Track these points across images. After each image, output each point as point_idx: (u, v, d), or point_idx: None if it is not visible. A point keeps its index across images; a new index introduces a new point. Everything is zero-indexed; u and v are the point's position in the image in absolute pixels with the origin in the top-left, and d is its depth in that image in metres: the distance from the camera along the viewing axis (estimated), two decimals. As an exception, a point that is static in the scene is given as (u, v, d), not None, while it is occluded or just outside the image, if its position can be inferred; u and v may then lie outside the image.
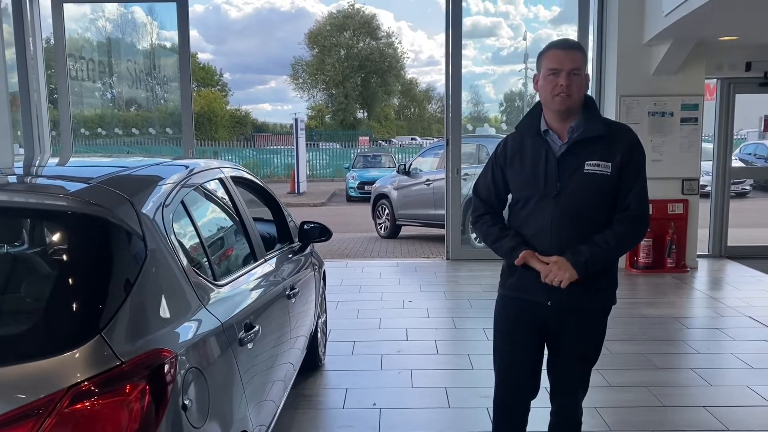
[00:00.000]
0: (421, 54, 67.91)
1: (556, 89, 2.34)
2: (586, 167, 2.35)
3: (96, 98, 9.07)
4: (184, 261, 2.10)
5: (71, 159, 3.66)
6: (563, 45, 2.40)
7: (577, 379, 2.64)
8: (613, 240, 2.36)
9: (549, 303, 2.46)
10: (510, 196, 2.59)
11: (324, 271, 4.62)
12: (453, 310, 5.94)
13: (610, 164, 2.35)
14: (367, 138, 37.69)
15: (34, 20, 7.78)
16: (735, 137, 15.63)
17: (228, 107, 43.84)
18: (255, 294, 2.67)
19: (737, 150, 17.02)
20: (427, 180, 10.62)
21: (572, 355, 2.57)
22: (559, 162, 2.39)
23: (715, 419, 3.58)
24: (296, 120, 23.80)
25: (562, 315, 2.48)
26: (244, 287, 2.59)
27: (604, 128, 2.39)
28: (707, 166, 8.24)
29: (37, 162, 3.00)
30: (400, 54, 48.23)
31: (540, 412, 2.80)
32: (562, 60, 2.34)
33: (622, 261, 7.25)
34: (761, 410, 3.72)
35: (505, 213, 2.65)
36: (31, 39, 7.70)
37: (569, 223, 2.38)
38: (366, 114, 48.73)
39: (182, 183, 2.40)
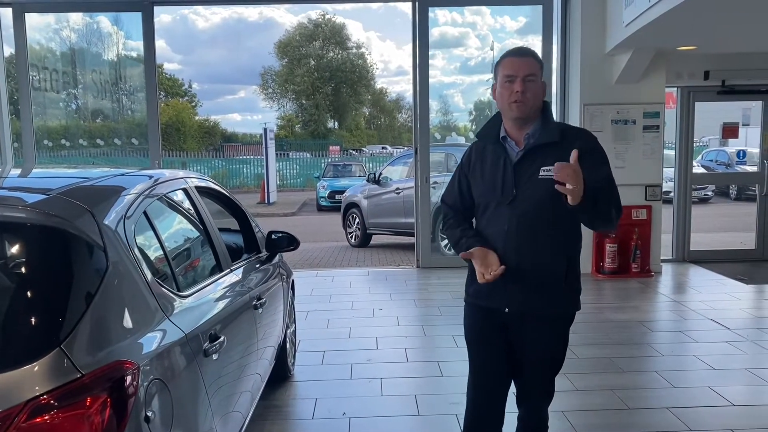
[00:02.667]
0: (390, 64, 68.14)
1: (512, 96, 2.37)
2: (540, 173, 2.37)
3: (60, 109, 8.92)
4: (147, 272, 2.08)
5: (33, 170, 3.59)
6: (517, 53, 2.44)
7: (540, 385, 2.64)
8: (606, 195, 2.31)
9: (507, 310, 2.48)
10: (476, 204, 2.61)
11: (293, 280, 4.61)
12: (423, 318, 5.97)
13: None
14: (338, 147, 37.69)
15: (-6, 30, 7.65)
16: (697, 144, 16.01)
17: (197, 117, 43.43)
18: (220, 304, 2.66)
19: (699, 157, 17.44)
20: (397, 189, 10.67)
21: (534, 361, 2.57)
22: (515, 169, 2.43)
23: (678, 420, 3.66)
24: (265, 130, 23.67)
25: (521, 321, 2.49)
26: (208, 298, 2.58)
27: (558, 135, 2.41)
28: (670, 172, 8.44)
29: (6, 173, 2.94)
30: (369, 64, 48.43)
31: (508, 417, 2.83)
32: (517, 67, 2.38)
33: (588, 266, 7.37)
34: (723, 410, 3.81)
35: None
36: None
37: (524, 228, 2.40)
38: (336, 124, 48.74)
39: (145, 193, 2.38)
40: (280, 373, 4.19)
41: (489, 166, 2.50)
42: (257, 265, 3.61)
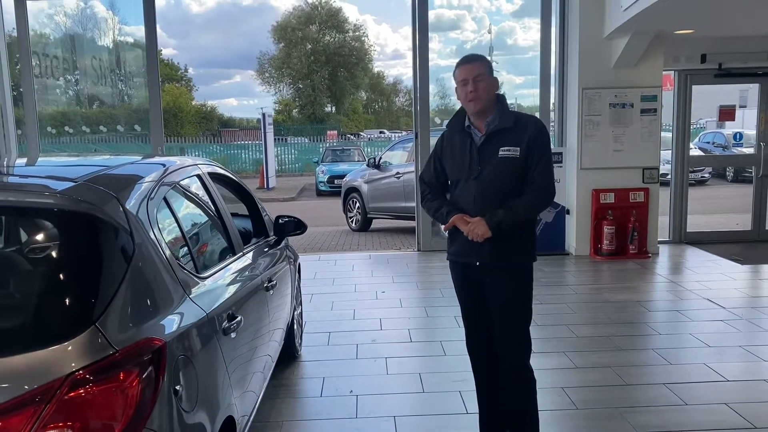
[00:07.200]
0: (386, 47, 68.00)
1: (468, 95, 2.91)
2: (500, 152, 2.91)
3: (57, 95, 8.92)
4: (169, 255, 2.18)
5: (49, 159, 3.68)
6: (467, 60, 2.98)
7: (512, 333, 3.01)
8: (521, 206, 2.89)
9: (477, 263, 2.98)
10: (449, 182, 3.13)
11: (299, 264, 4.71)
12: (425, 300, 6.09)
13: (518, 148, 2.89)
14: (336, 132, 37.63)
15: (-5, 17, 7.67)
16: (694, 127, 16.04)
17: (193, 103, 43.29)
18: (236, 286, 2.76)
19: (696, 139, 17.50)
20: (397, 173, 10.74)
21: (501, 307, 3.00)
22: (479, 150, 2.95)
23: (674, 395, 3.79)
24: (263, 115, 23.65)
25: (489, 274, 2.98)
26: (225, 280, 2.68)
27: (512, 121, 2.93)
28: (667, 155, 8.52)
29: (14, 162, 3.03)
30: (367, 47, 48.24)
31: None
32: (467, 72, 2.93)
33: (586, 248, 7.49)
34: (717, 385, 3.94)
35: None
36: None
37: (488, 197, 2.91)
38: (334, 108, 48.63)
39: (164, 180, 2.48)
40: (289, 353, 4.30)
41: (458, 150, 3.03)
42: (266, 249, 3.71)
